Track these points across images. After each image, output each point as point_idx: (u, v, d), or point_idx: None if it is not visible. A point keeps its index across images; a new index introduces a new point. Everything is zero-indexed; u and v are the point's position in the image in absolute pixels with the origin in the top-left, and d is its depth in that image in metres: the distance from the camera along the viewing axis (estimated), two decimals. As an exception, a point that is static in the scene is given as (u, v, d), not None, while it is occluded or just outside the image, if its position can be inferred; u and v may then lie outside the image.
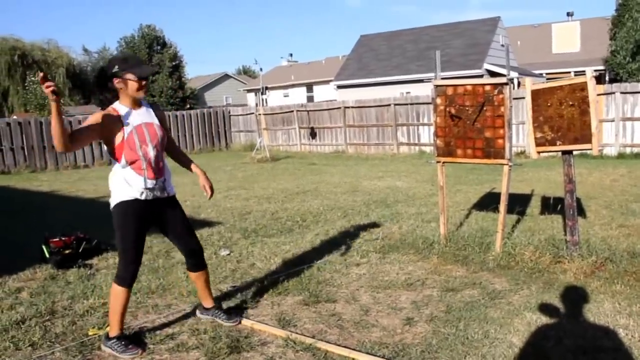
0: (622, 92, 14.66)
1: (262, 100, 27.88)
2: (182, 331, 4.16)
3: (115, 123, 3.67)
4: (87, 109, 38.20)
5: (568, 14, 35.34)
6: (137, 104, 3.80)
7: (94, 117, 3.66)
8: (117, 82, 3.67)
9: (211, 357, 3.68)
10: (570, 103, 5.17)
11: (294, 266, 5.76)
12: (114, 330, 3.85)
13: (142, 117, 3.80)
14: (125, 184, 3.72)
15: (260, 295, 4.89)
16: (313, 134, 21.27)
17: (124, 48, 37.00)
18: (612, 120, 14.85)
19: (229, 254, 6.33)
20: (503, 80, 5.46)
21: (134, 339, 3.95)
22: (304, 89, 42.03)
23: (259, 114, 22.53)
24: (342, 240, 6.71)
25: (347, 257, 5.99)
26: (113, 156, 3.74)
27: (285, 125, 22.35)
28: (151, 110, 3.90)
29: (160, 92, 35.47)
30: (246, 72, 70.34)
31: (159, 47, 36.92)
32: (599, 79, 25.75)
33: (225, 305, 4.68)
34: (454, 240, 6.12)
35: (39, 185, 14.64)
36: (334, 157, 18.77)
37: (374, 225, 7.49)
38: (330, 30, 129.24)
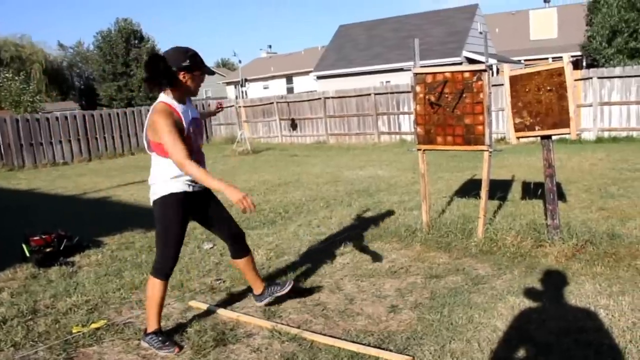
0: (599, 77, 14.81)
1: (242, 92, 27.74)
2: (167, 326, 4.14)
3: (178, 120, 3.58)
4: (63, 105, 37.78)
5: (545, 1, 35.59)
6: (184, 99, 3.74)
7: (169, 123, 3.51)
8: (182, 75, 3.60)
9: (197, 351, 3.67)
10: (548, 88, 5.21)
11: (277, 257, 5.76)
12: (151, 326, 3.80)
13: (192, 111, 3.79)
14: (174, 178, 3.70)
15: (245, 286, 4.88)
16: (294, 126, 21.22)
17: (100, 43, 36.54)
18: (590, 105, 15.00)
19: (212, 247, 6.31)
20: (482, 67, 5.48)
21: (170, 337, 3.87)
22: (283, 80, 41.93)
23: (239, 107, 22.43)
24: (325, 230, 6.72)
25: (330, 247, 6.00)
26: (160, 151, 3.66)
27: (265, 117, 22.28)
28: (190, 103, 3.84)
29: (139, 87, 35.12)
30: (225, 64, 69.94)
31: (136, 41, 36.53)
32: (577, 65, 25.99)
33: (209, 297, 4.68)
34: (437, 228, 6.16)
35: (17, 183, 14.45)
36: (315, 148, 18.75)
37: (357, 214, 7.50)
38: (310, 20, 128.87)
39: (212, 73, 3.81)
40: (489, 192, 5.84)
